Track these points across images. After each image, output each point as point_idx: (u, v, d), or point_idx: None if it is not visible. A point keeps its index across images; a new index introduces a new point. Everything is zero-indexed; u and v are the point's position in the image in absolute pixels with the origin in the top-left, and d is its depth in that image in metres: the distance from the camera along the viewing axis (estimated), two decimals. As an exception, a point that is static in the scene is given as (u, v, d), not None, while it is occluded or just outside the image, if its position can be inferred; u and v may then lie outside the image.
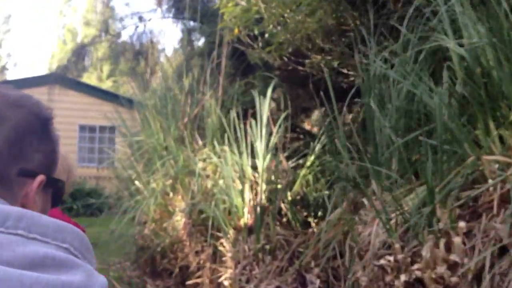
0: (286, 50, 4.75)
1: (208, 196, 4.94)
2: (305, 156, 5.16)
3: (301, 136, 6.83)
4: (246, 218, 4.08)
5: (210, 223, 4.41)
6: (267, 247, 3.83)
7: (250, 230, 4.01)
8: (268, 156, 4.71)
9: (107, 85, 22.24)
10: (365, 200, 2.91)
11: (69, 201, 10.47)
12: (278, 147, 4.97)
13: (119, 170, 6.09)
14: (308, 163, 5.05)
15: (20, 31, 42.04)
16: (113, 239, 7.23)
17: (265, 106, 4.77)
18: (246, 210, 4.27)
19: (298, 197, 5.00)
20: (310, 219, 4.86)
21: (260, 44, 4.70)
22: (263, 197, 4.35)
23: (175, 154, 5.19)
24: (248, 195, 4.27)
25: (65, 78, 11.53)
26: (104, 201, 11.09)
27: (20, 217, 0.58)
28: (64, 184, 0.84)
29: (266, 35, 4.68)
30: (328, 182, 5.37)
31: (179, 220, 5.20)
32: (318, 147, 5.07)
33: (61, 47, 27.08)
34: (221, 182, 4.67)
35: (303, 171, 5.03)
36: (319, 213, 5.12)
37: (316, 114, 7.48)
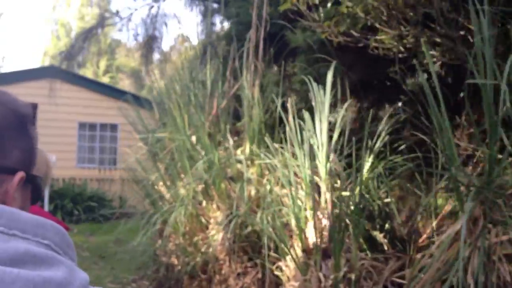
0: (350, 25, 3.85)
1: (254, 205, 4.02)
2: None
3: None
4: (316, 236, 3.16)
5: (265, 240, 3.49)
6: (351, 276, 2.91)
7: (324, 252, 3.09)
8: (331, 157, 3.80)
9: (103, 81, 21.20)
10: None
11: (70, 206, 9.48)
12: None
13: (138, 172, 5.14)
14: (367, 165, 4.17)
15: (12, 26, 40.81)
16: (124, 251, 6.31)
17: (326, 95, 3.85)
18: (311, 224, 3.36)
19: (360, 206, 4.11)
20: (375, 233, 3.96)
21: (322, 15, 3.78)
22: (328, 208, 3.44)
23: (210, 154, 4.26)
24: (315, 205, 3.36)
25: (63, 71, 10.56)
26: (109, 205, 10.14)
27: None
28: (42, 180, 0.85)
29: (329, 5, 3.77)
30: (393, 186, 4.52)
31: (215, 234, 4.28)
32: (377, 145, 4.22)
33: (55, 42, 25.97)
34: (276, 188, 3.76)
35: (364, 174, 4.14)
36: (387, 226, 4.25)
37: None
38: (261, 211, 3.98)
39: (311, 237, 3.23)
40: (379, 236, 3.91)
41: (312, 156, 3.94)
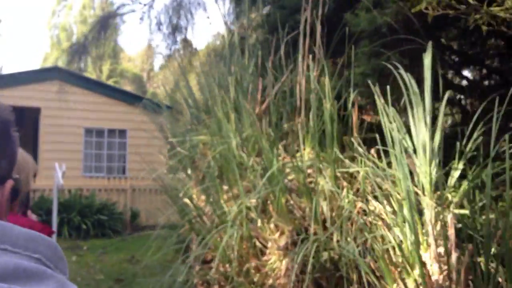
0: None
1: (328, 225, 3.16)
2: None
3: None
4: (449, 273, 2.30)
5: (363, 275, 2.62)
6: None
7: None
8: (435, 164, 2.95)
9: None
10: None
11: (77, 219, 8.58)
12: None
13: (169, 183, 4.27)
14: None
15: (10, 33, 40.01)
16: (143, 273, 5.43)
17: (426, 85, 3.00)
18: (428, 255, 2.49)
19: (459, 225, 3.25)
20: (480, 260, 3.10)
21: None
22: (450, 232, 2.58)
23: (268, 161, 3.40)
24: (431, 229, 2.50)
25: (68, 72, 9.74)
26: (120, 219, 9.27)
27: None
28: (20, 181, 0.75)
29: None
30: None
31: (276, 261, 3.42)
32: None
33: (55, 47, 25.15)
34: (359, 204, 2.90)
35: (463, 185, 3.30)
36: (493, 250, 3.40)
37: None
38: (338, 233, 3.13)
39: (434, 274, 2.36)
40: (482, 260, 3.06)
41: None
